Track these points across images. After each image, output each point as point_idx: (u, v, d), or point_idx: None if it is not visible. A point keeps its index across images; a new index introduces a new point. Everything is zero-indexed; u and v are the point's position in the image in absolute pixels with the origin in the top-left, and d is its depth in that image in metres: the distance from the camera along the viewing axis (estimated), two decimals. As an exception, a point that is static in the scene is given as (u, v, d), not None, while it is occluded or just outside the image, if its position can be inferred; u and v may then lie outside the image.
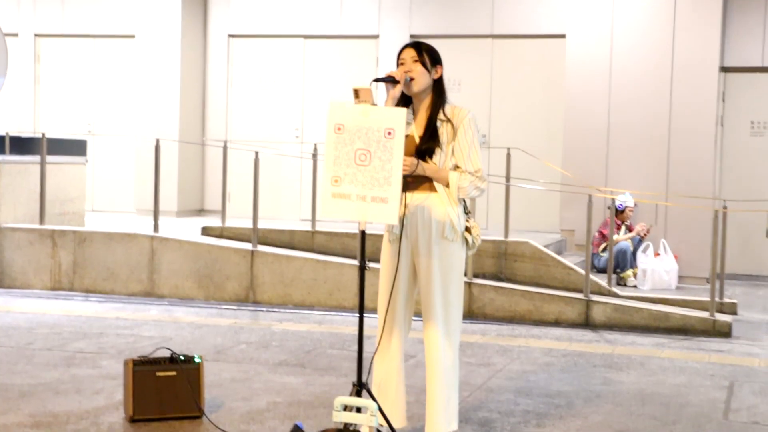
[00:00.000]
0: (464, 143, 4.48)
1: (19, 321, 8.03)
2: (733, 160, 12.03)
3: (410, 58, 4.49)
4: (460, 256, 4.52)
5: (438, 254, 4.46)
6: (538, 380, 6.36)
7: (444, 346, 4.50)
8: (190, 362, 5.16)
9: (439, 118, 4.50)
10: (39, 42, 13.86)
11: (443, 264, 4.47)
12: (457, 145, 4.48)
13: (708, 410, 5.69)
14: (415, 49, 4.52)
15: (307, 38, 12.92)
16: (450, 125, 4.49)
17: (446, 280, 4.48)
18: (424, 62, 4.49)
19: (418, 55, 4.49)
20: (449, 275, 4.49)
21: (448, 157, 4.48)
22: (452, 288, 4.50)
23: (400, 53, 4.54)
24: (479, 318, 8.79)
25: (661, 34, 11.47)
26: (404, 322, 4.62)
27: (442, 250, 4.46)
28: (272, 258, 9.35)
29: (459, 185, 4.43)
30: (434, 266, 4.47)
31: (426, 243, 4.47)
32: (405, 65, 4.49)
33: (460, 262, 4.53)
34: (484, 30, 12.19)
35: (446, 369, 4.50)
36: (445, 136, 4.48)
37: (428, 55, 4.52)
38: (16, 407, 5.27)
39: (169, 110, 12.82)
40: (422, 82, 4.49)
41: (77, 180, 10.89)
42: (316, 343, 7.44)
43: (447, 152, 4.47)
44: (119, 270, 9.61)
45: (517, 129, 12.04)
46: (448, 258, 4.48)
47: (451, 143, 4.48)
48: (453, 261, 4.49)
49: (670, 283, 10.56)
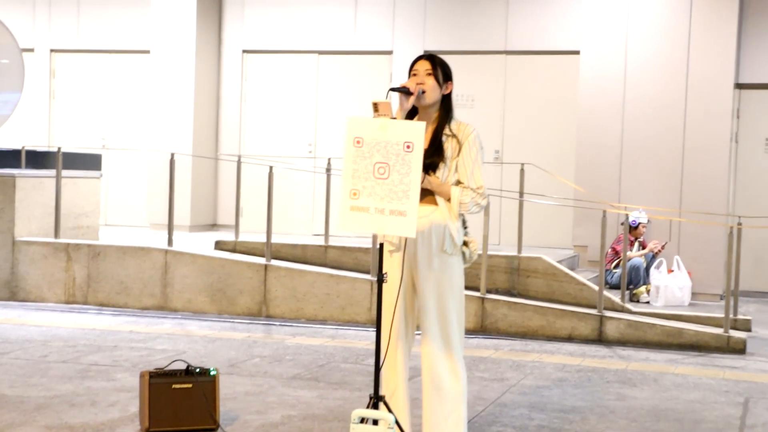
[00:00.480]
0: (468, 160, 4.50)
1: (34, 334, 8.06)
2: (748, 177, 12.01)
3: (424, 71, 4.52)
4: (459, 269, 4.55)
5: (437, 268, 4.48)
6: (552, 395, 6.34)
7: (442, 360, 4.50)
8: (206, 375, 5.18)
9: (445, 133, 4.53)
10: (54, 57, 13.95)
11: (442, 277, 4.49)
12: (461, 162, 4.50)
13: (723, 427, 5.67)
14: (429, 62, 4.54)
15: (321, 54, 12.97)
16: (455, 140, 4.52)
17: (445, 293, 4.50)
18: (437, 76, 4.52)
19: (432, 68, 4.52)
20: (448, 289, 4.50)
21: (452, 172, 4.50)
22: (451, 301, 4.51)
23: (414, 64, 4.57)
24: (492, 333, 8.79)
25: (675, 51, 11.47)
26: (406, 335, 4.61)
27: (441, 263, 4.48)
28: (285, 272, 9.37)
29: (461, 201, 4.46)
30: (433, 279, 4.49)
31: (426, 256, 4.49)
32: (418, 77, 4.51)
33: (459, 275, 4.55)
34: (498, 46, 12.22)
35: (444, 382, 4.49)
36: (449, 151, 4.50)
37: (441, 69, 4.56)
38: (33, 419, 5.29)
39: (183, 125, 12.87)
40: (433, 95, 4.52)
41: (92, 194, 10.94)
42: (329, 357, 7.44)
43: (451, 167, 4.50)
44: (132, 284, 9.63)
45: (530, 145, 12.05)
46: (447, 272, 4.50)
47: (455, 159, 4.50)
48: (452, 274, 4.51)
49: (683, 299, 10.52)
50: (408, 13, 12.52)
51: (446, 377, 4.51)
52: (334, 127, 12.82)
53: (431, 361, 4.52)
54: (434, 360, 4.51)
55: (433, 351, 4.52)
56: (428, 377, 4.54)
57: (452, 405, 4.52)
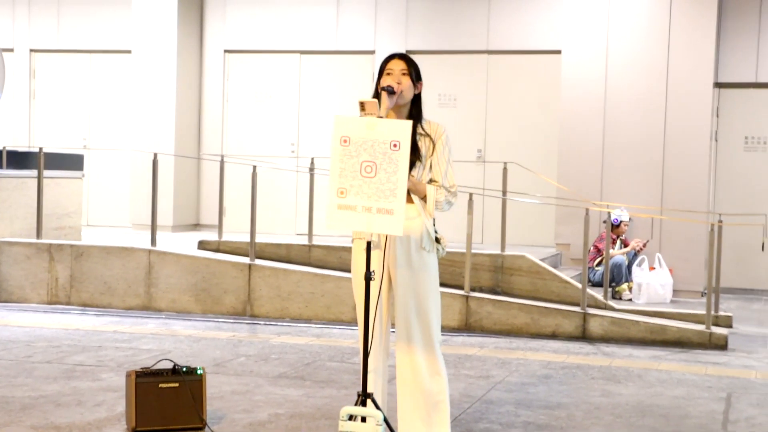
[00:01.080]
0: (442, 159, 4.57)
1: (18, 335, 8.03)
2: (728, 174, 12.11)
3: (399, 70, 4.56)
4: (435, 266, 4.61)
5: (416, 265, 4.52)
6: (538, 392, 6.38)
7: (423, 359, 4.53)
8: (193, 374, 5.18)
9: (419, 132, 4.58)
10: (34, 57, 13.89)
11: (420, 275, 4.53)
12: (435, 161, 4.57)
13: (707, 422, 5.72)
14: (404, 61, 4.59)
15: (303, 53, 12.97)
16: (429, 139, 4.58)
17: (424, 290, 4.54)
18: (411, 75, 4.57)
19: (407, 67, 4.57)
20: (426, 285, 4.55)
21: (426, 170, 4.56)
22: (430, 298, 4.55)
23: (387, 63, 4.60)
24: (477, 331, 8.82)
25: (655, 50, 11.55)
26: (385, 332, 4.64)
27: (419, 260, 4.53)
28: (270, 272, 9.37)
29: (437, 199, 4.54)
30: (411, 276, 4.52)
31: (404, 254, 4.52)
32: (393, 76, 4.55)
33: (435, 271, 4.61)
34: (480, 46, 12.26)
35: (426, 382, 4.51)
36: (424, 149, 4.56)
37: (414, 69, 4.61)
38: (18, 419, 5.27)
39: (165, 125, 12.85)
40: (408, 95, 4.58)
41: (74, 194, 10.90)
42: (315, 355, 7.46)
43: (426, 166, 4.55)
44: (116, 284, 9.61)
45: (512, 144, 12.10)
46: (425, 268, 4.55)
47: (430, 158, 4.55)
48: (429, 271, 4.56)
49: (665, 296, 10.59)
50: (390, 13, 12.54)
51: (427, 376, 4.54)
52: (317, 126, 12.83)
53: (411, 360, 4.54)
54: (414, 359, 4.53)
55: (413, 350, 4.54)
56: (407, 377, 4.55)
57: (435, 404, 4.55)
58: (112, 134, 13.58)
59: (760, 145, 12.04)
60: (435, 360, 4.56)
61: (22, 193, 10.14)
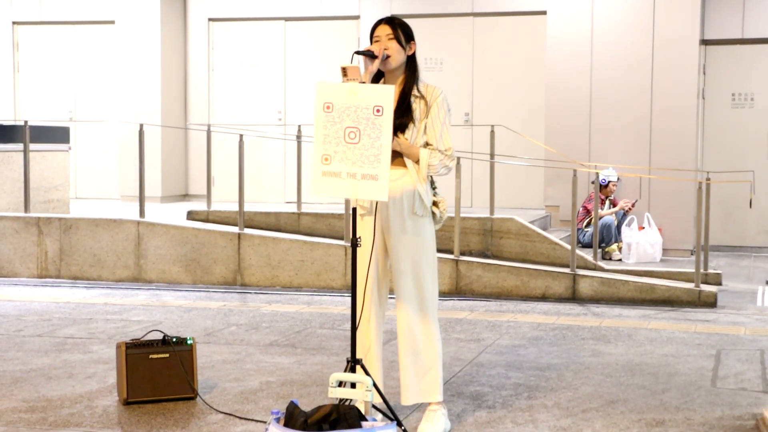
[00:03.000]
0: (437, 122, 4.51)
1: (8, 309, 8.03)
2: (715, 132, 12.12)
3: (385, 36, 4.51)
4: (430, 230, 4.58)
5: (410, 230, 4.51)
6: (528, 354, 6.41)
7: (417, 323, 4.54)
8: (183, 344, 5.18)
9: (413, 94, 4.53)
10: (17, 30, 13.76)
11: (415, 240, 4.52)
12: (430, 123, 4.51)
13: (696, 378, 5.76)
14: (389, 25, 4.53)
15: (288, 20, 12.89)
16: (423, 102, 4.53)
17: (419, 256, 4.53)
18: (399, 39, 4.52)
19: (393, 31, 4.51)
20: (421, 250, 4.53)
21: (420, 133, 4.51)
22: (425, 263, 4.54)
23: (374, 30, 4.56)
24: (467, 295, 8.84)
25: (641, 9, 11.50)
26: (379, 298, 4.64)
27: (413, 225, 4.51)
28: (259, 240, 9.37)
29: (430, 163, 4.48)
30: (405, 242, 4.51)
31: (397, 219, 4.51)
32: (380, 42, 4.50)
33: (431, 236, 4.59)
34: (465, 8, 12.19)
35: (420, 343, 4.54)
36: (418, 112, 4.51)
37: (402, 31, 4.55)
38: (10, 393, 5.28)
39: (151, 95, 12.78)
40: (398, 58, 4.52)
41: (61, 167, 10.86)
42: (305, 323, 7.47)
43: (419, 129, 4.51)
44: (106, 256, 9.60)
45: (499, 106, 12.07)
46: (419, 233, 4.53)
47: (424, 120, 4.52)
48: (425, 236, 4.54)
49: (654, 256, 10.64)
50: (374, -23, 12.45)
51: (421, 339, 4.55)
52: (304, 93, 12.78)
53: (407, 324, 4.56)
54: (410, 323, 4.55)
55: (408, 314, 4.55)
56: (405, 340, 4.57)
57: (428, 366, 4.57)
58: (98, 106, 13.50)
59: (747, 102, 12.04)
60: (429, 327, 4.56)
61: (9, 167, 10.09)
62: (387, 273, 4.67)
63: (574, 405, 5.14)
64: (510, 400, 5.22)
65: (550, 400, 5.24)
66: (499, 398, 5.26)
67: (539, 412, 4.99)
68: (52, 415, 4.88)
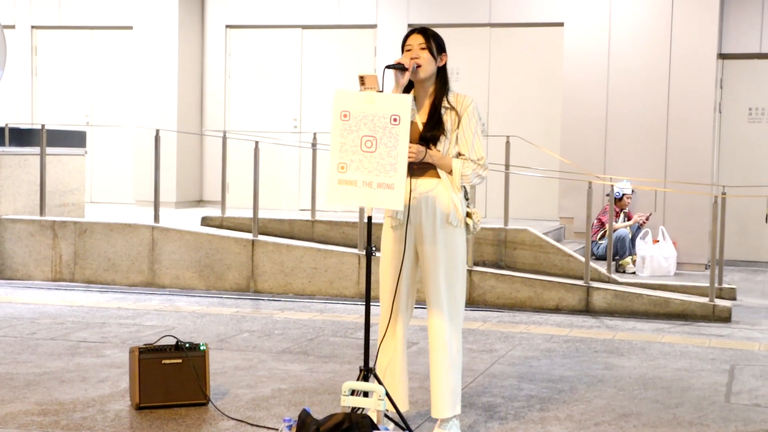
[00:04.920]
0: (468, 132, 4.51)
1: (22, 312, 8.06)
2: (732, 146, 12.07)
3: (417, 45, 4.51)
4: (462, 241, 4.57)
5: (442, 241, 4.50)
6: (541, 366, 6.39)
7: (449, 332, 4.54)
8: (196, 350, 5.19)
9: (444, 106, 4.53)
10: (36, 34, 13.84)
11: (447, 250, 4.51)
12: (462, 134, 4.51)
13: (710, 393, 5.73)
14: (422, 35, 4.54)
15: (305, 28, 12.92)
16: (454, 113, 4.52)
17: (450, 266, 4.52)
18: (431, 49, 4.52)
19: (426, 41, 4.52)
20: (453, 261, 4.53)
21: (452, 144, 4.51)
22: (456, 274, 4.54)
23: (407, 39, 4.56)
24: (480, 305, 8.83)
25: (659, 22, 11.48)
26: (407, 308, 4.66)
27: (446, 236, 4.50)
28: (273, 247, 9.38)
29: (462, 173, 4.48)
30: (439, 252, 4.50)
31: (431, 229, 4.50)
32: (412, 51, 4.50)
33: (463, 247, 4.58)
34: (482, 19, 12.20)
35: (452, 354, 4.55)
36: (449, 123, 4.51)
37: (435, 42, 4.55)
38: (23, 396, 5.29)
39: (167, 101, 12.82)
40: (429, 69, 4.52)
41: (77, 171, 10.90)
42: (318, 331, 7.47)
43: (451, 140, 4.51)
44: (120, 261, 9.62)
45: (515, 117, 12.06)
46: (452, 244, 4.52)
47: (455, 131, 4.51)
48: (456, 247, 4.53)
49: (668, 269, 10.58)
50: (392, -14, 12.47)
51: (454, 350, 4.56)
52: (319, 101, 12.79)
53: (441, 335, 4.54)
54: (443, 334, 4.54)
55: (442, 325, 4.54)
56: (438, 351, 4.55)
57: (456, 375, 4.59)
58: (114, 111, 13.56)
59: (764, 116, 11.99)
60: (459, 338, 4.58)
61: (25, 171, 10.14)
62: (414, 285, 4.67)
63: (586, 418, 5.13)
64: (522, 412, 5.20)
65: (562, 412, 5.23)
66: (512, 410, 5.25)
67: (552, 425, 4.97)
68: (65, 418, 4.89)
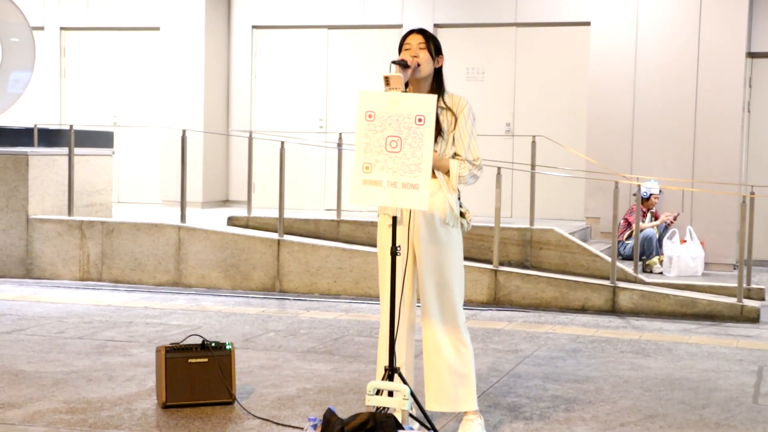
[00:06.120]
0: (465, 133, 4.55)
1: (50, 311, 8.12)
2: (760, 146, 11.97)
3: (417, 44, 4.55)
4: (459, 240, 4.61)
5: (440, 241, 4.53)
6: (566, 366, 6.37)
7: (445, 334, 4.55)
8: (222, 349, 5.21)
9: (440, 106, 4.55)
10: (64, 35, 13.96)
11: (444, 250, 4.54)
12: (458, 134, 4.55)
13: (737, 395, 5.69)
14: (422, 35, 4.58)
15: (331, 29, 12.94)
16: (450, 113, 4.56)
17: (447, 265, 4.55)
18: (429, 49, 4.55)
19: (425, 41, 4.55)
20: (449, 260, 4.55)
21: (449, 145, 4.54)
22: (454, 273, 4.56)
23: (405, 38, 4.59)
24: (506, 305, 8.81)
25: (687, 20, 11.41)
26: (411, 307, 4.65)
27: (443, 235, 4.53)
28: (298, 247, 9.40)
29: (460, 174, 4.52)
30: (435, 252, 4.53)
31: (427, 229, 4.52)
32: (411, 50, 4.54)
33: (459, 247, 4.61)
34: (508, 18, 12.17)
35: (449, 351, 4.53)
36: (446, 124, 4.55)
37: (433, 43, 4.59)
38: (51, 394, 5.34)
39: (194, 101, 12.89)
40: (427, 68, 4.55)
41: (104, 171, 10.98)
42: (343, 330, 7.48)
43: (448, 141, 4.54)
44: (146, 260, 9.68)
45: (541, 117, 12.02)
46: (449, 244, 4.55)
47: (452, 132, 4.54)
48: (453, 246, 4.57)
49: (696, 269, 10.52)
50: (417, -14, 12.47)
51: (452, 350, 4.55)
52: (345, 101, 12.81)
53: (435, 334, 4.56)
54: (439, 333, 4.55)
55: (437, 324, 4.56)
56: (432, 351, 4.57)
57: (461, 374, 4.56)
58: (141, 111, 13.64)
59: (793, 115, 11.88)
60: (459, 333, 4.58)
61: (53, 171, 10.22)
62: (414, 283, 4.68)
63: (612, 419, 5.10)
64: (547, 412, 5.19)
65: (588, 413, 5.21)
66: (537, 410, 5.24)
67: (577, 425, 4.95)
68: (92, 416, 4.93)
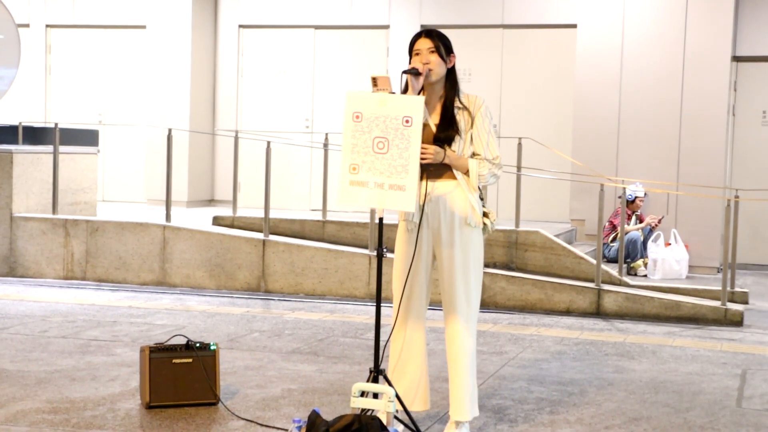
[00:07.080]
0: (482, 131, 4.51)
1: (33, 309, 8.08)
2: (745, 149, 12.02)
3: (426, 49, 4.50)
4: (480, 242, 4.57)
5: (460, 242, 4.50)
6: (551, 368, 6.38)
7: (467, 334, 4.54)
8: (206, 349, 5.19)
9: (456, 106, 4.53)
10: (50, 33, 13.89)
11: (465, 251, 4.51)
12: (476, 133, 4.51)
13: (721, 398, 5.70)
14: (430, 39, 4.52)
15: (318, 29, 12.92)
16: (467, 113, 4.52)
17: (468, 267, 4.52)
18: (440, 52, 4.51)
19: (434, 44, 4.51)
20: (471, 262, 4.53)
21: (467, 144, 4.51)
22: (473, 275, 4.54)
23: (414, 43, 4.55)
24: (491, 307, 8.81)
25: (672, 24, 11.45)
26: (424, 309, 4.66)
27: (464, 237, 4.50)
28: (283, 247, 9.38)
29: (479, 173, 4.49)
30: (457, 254, 4.50)
31: (449, 231, 4.50)
32: (421, 55, 4.49)
33: (481, 248, 4.58)
34: (495, 20, 12.18)
35: (470, 356, 4.55)
36: (462, 123, 4.51)
37: (442, 43, 4.54)
38: (34, 394, 5.31)
39: (180, 100, 12.85)
40: (439, 72, 4.52)
41: (89, 170, 10.93)
42: (328, 331, 7.47)
43: (465, 140, 4.51)
44: (131, 259, 9.65)
45: (527, 119, 12.04)
46: (471, 245, 4.52)
47: (469, 131, 4.51)
48: (474, 248, 4.54)
49: (680, 272, 10.56)
50: (405, -13, 12.47)
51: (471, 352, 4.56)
52: (332, 102, 12.80)
53: (458, 336, 4.54)
54: (461, 335, 4.54)
55: (459, 326, 4.54)
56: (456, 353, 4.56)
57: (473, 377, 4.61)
58: (127, 110, 13.59)
59: (778, 120, 11.93)
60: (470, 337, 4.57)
61: (38, 169, 10.17)
62: (429, 287, 4.67)
63: (596, 421, 5.11)
64: (532, 415, 5.19)
65: (572, 415, 5.21)
66: (521, 412, 5.24)
67: (561, 428, 4.96)
68: (75, 416, 4.90)
